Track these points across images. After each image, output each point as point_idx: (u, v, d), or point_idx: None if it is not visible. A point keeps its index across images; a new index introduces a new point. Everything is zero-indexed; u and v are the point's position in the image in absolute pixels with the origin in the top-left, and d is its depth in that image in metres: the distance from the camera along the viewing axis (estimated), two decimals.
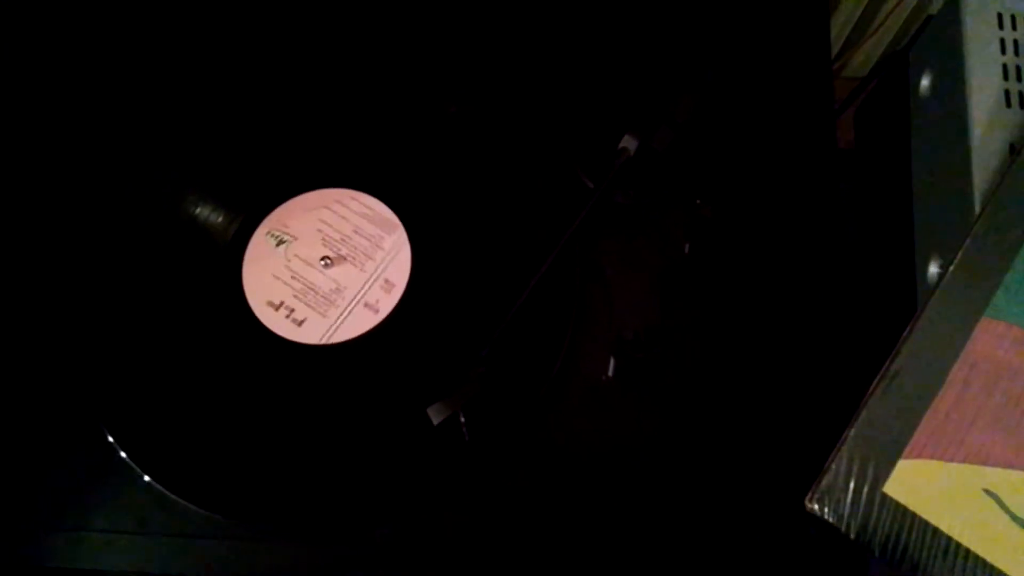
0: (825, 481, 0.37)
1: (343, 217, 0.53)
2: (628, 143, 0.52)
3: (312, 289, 0.51)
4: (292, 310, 0.50)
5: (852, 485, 0.35)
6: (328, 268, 0.52)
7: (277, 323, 0.50)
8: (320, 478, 0.48)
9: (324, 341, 0.50)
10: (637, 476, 0.48)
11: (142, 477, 0.47)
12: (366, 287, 0.51)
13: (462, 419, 0.47)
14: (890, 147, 0.54)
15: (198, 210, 0.53)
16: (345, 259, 0.52)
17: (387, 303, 0.51)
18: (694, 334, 0.50)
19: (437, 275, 0.51)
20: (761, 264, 0.52)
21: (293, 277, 0.51)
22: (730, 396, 0.49)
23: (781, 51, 0.57)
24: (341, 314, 0.51)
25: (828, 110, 0.53)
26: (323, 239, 0.52)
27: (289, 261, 0.52)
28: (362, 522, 0.47)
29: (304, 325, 0.50)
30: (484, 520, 0.47)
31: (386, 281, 0.51)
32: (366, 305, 0.51)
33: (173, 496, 0.47)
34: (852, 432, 0.38)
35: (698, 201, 0.53)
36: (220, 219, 0.53)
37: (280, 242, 0.52)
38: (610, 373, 0.50)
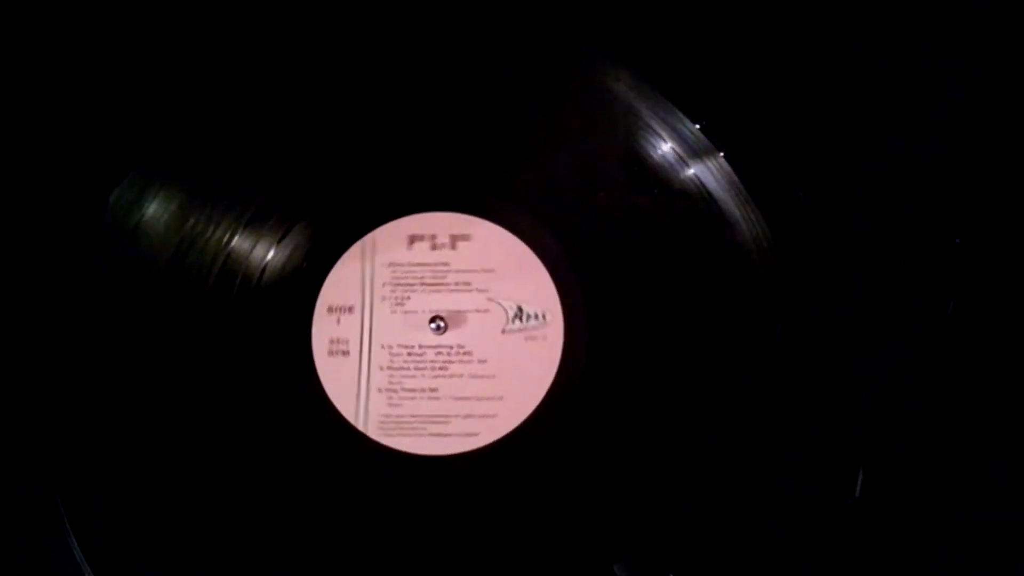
0: None
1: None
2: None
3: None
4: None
5: None
6: (440, 333, 0.34)
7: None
8: None
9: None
10: None
11: None
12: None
13: None
14: None
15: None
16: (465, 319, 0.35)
17: (535, 390, 0.34)
18: (977, 431, 0.35)
19: (605, 351, 0.35)
20: None
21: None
22: None
23: None
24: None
25: None
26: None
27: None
28: None
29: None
30: None
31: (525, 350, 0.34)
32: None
33: None
34: None
35: (957, 240, 0.38)
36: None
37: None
38: (858, 493, 0.35)
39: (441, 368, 0.34)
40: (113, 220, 0.33)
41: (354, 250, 0.35)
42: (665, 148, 0.36)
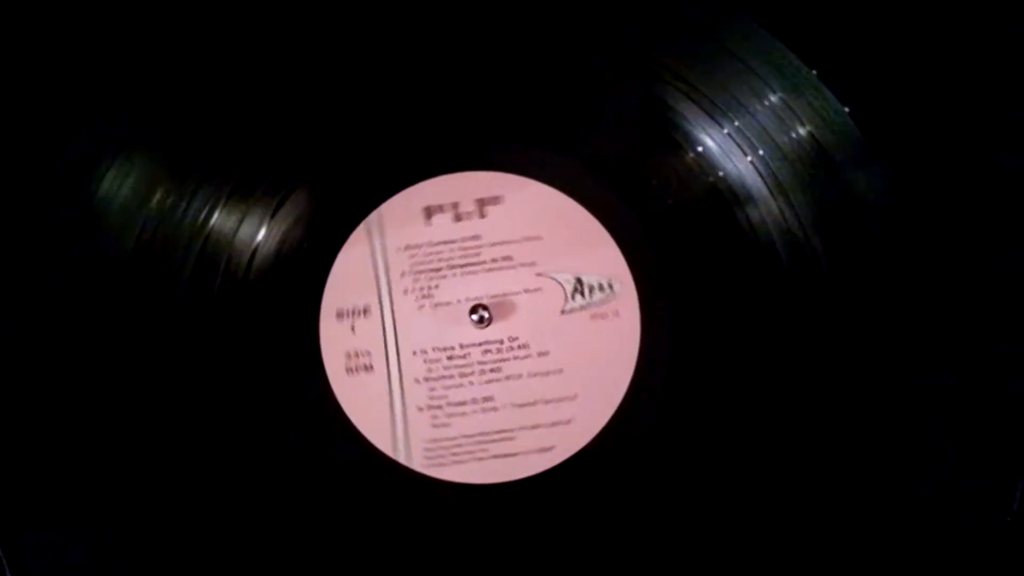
0: None
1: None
2: None
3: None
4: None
5: None
6: (483, 326, 0.27)
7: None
8: None
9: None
10: None
11: None
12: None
13: None
14: None
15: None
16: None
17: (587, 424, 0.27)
18: None
19: (692, 324, 0.27)
20: None
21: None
22: None
23: None
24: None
25: None
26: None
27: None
28: None
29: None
30: None
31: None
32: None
33: None
34: None
35: None
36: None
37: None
38: (1016, 506, 0.28)
39: (493, 370, 0.27)
40: (56, 197, 0.26)
41: (360, 231, 0.28)
42: (774, 99, 0.28)
